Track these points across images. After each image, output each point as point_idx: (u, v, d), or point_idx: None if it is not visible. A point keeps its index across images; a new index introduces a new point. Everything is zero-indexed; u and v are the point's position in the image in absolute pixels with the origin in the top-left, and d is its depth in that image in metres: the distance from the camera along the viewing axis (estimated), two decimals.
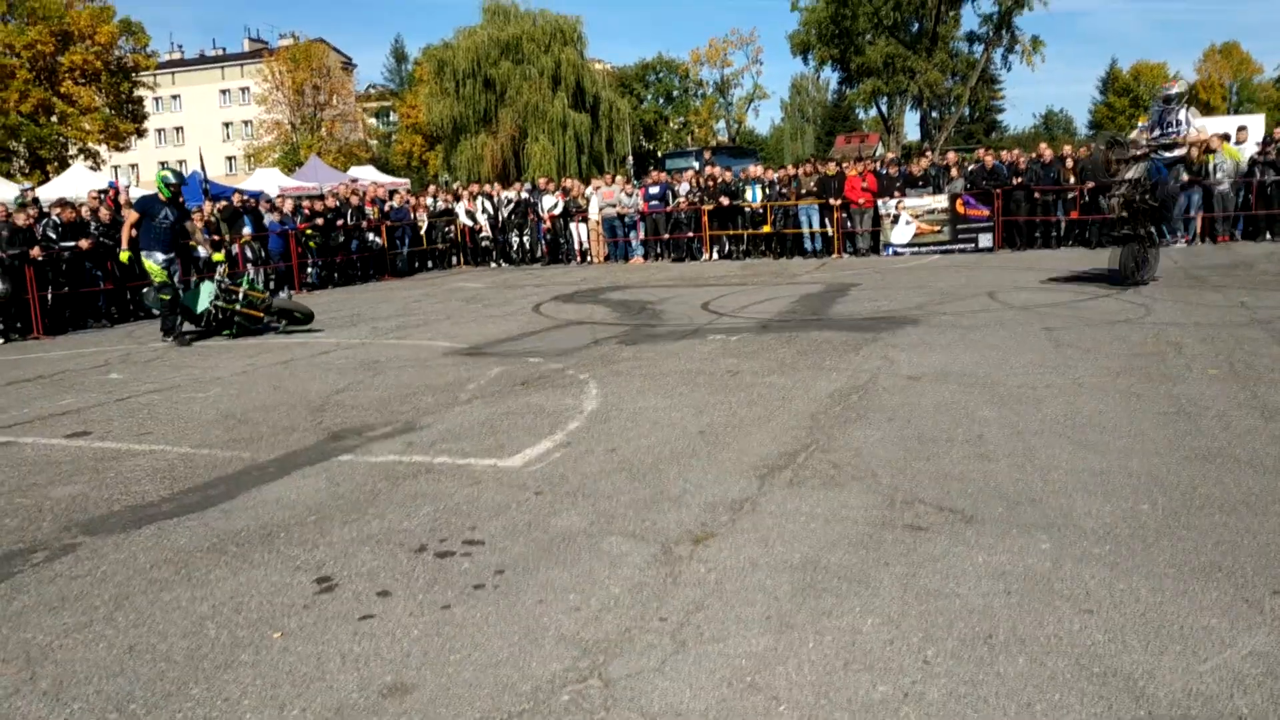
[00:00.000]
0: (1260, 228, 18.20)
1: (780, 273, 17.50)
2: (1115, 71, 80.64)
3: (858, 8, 45.03)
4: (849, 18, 45.41)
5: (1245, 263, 14.62)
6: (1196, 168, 18.10)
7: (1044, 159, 19.52)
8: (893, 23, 46.75)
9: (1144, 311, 10.24)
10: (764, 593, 3.71)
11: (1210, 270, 13.82)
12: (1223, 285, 12.10)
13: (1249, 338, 8.36)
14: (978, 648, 3.20)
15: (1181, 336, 8.57)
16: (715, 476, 5.23)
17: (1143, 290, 11.93)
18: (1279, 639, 3.16)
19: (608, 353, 9.48)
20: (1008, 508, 4.53)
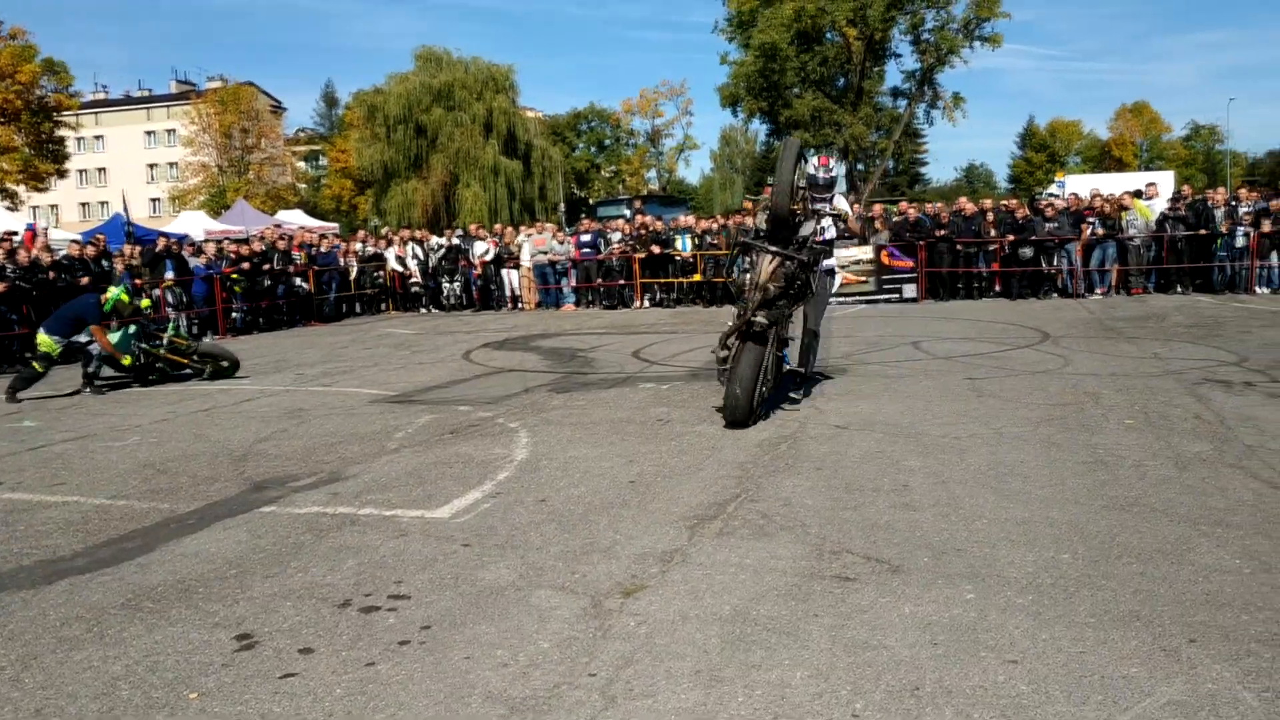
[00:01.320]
0: (1171, 280, 18.85)
1: (711, 321, 17.61)
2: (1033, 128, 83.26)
3: (785, 63, 45.93)
4: (777, 72, 46.28)
5: (1158, 315, 15.11)
6: (1111, 223, 18.73)
7: (966, 212, 20.03)
8: (819, 77, 47.79)
9: (1063, 362, 10.50)
10: (694, 646, 3.69)
11: (1125, 322, 14.25)
12: (1136, 337, 12.48)
13: (1162, 388, 8.61)
14: (905, 700, 3.22)
15: (1099, 387, 8.80)
16: (645, 527, 5.22)
17: (1061, 341, 12.25)
18: (1195, 688, 3.23)
19: (538, 401, 9.44)
20: (933, 557, 4.59)
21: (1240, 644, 3.54)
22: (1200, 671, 3.34)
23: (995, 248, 19.32)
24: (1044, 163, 76.97)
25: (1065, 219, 18.99)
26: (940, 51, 46.06)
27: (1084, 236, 18.73)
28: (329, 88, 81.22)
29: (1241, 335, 12.20)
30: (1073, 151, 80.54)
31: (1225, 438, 6.72)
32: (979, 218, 19.74)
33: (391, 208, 47.71)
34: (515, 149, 49.19)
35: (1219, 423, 7.19)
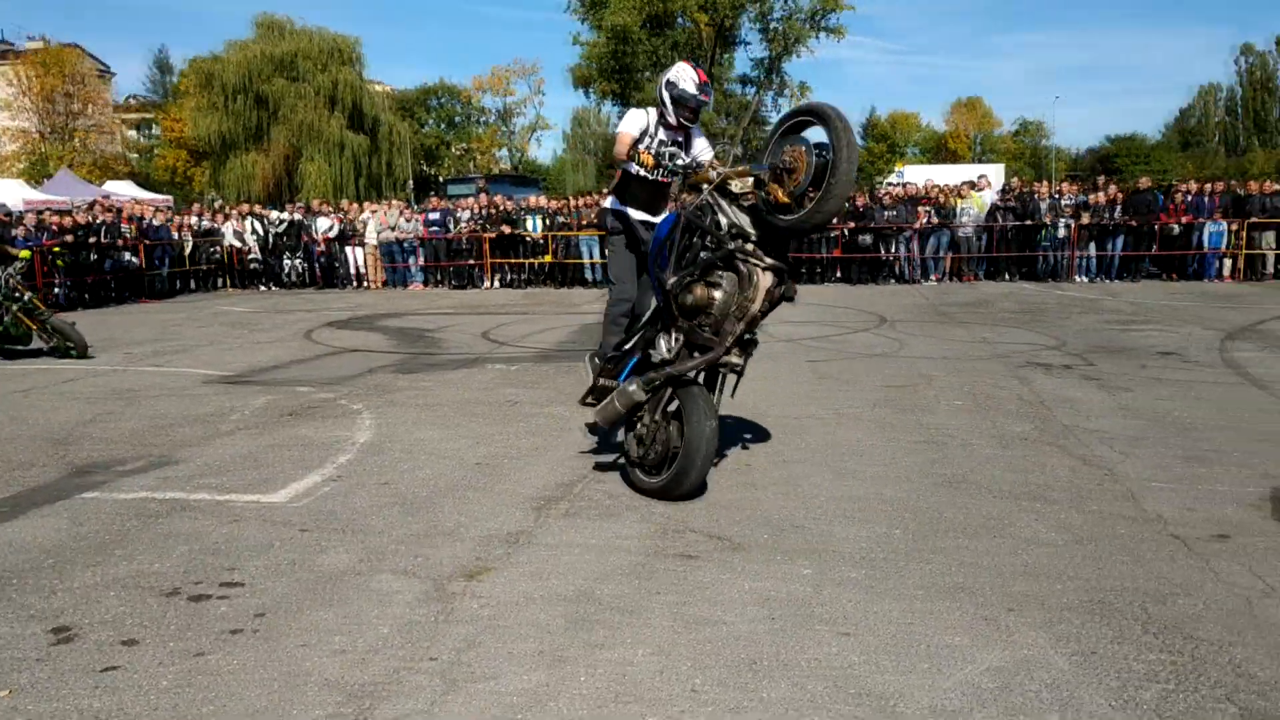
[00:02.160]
0: (1001, 268, 19.82)
1: (562, 302, 17.62)
2: (875, 119, 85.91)
3: (637, 46, 46.08)
4: (628, 55, 46.40)
5: (987, 301, 15.86)
6: (945, 212, 19.54)
7: None
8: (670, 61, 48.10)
9: (899, 346, 10.91)
10: (537, 627, 3.69)
11: (957, 308, 14.91)
12: (967, 322, 13.08)
13: (990, 371, 9.05)
14: (743, 674, 3.30)
15: (932, 370, 9.19)
16: (491, 509, 5.18)
17: (897, 325, 12.73)
18: (1014, 654, 3.41)
19: (383, 382, 9.25)
20: (773, 535, 4.71)
21: (1054, 612, 3.75)
22: (1017, 638, 3.53)
23: (836, 234, 19.89)
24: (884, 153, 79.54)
25: (903, 208, 19.72)
26: (787, 41, 47.01)
27: (919, 225, 19.48)
28: (162, 53, 76.97)
29: (1061, 321, 12.93)
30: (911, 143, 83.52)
31: (1045, 418, 7.12)
32: None
33: (230, 181, 45.80)
34: (361, 123, 47.86)
35: (1040, 403, 7.60)
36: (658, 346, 5.59)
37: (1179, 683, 3.19)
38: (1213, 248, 19.24)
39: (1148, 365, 9.30)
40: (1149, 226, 19.25)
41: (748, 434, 6.78)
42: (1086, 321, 12.88)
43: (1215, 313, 13.66)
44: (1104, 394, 7.95)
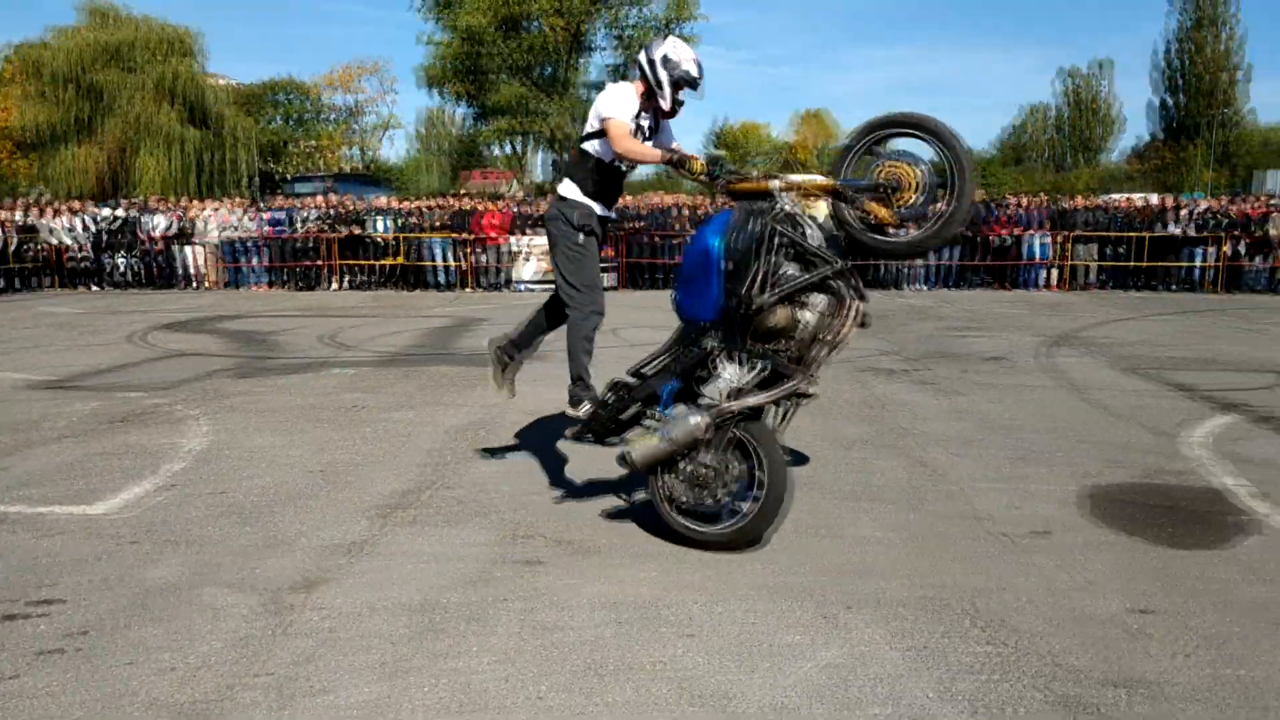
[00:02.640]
0: None
1: (409, 305, 17.31)
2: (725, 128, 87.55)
3: (489, 48, 45.75)
4: (480, 56, 46.03)
5: None
6: None
7: (662, 206, 20.80)
8: (523, 65, 47.96)
9: None
10: (379, 638, 3.61)
11: None
12: None
13: (831, 376, 9.29)
14: (588, 679, 3.30)
15: None
16: (333, 518, 5.05)
17: None
18: (850, 650, 3.52)
19: (220, 386, 8.89)
20: (621, 538, 4.73)
21: (889, 608, 3.89)
22: (854, 635, 3.65)
23: (680, 243, 20.19)
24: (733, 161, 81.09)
25: None
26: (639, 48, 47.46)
27: None
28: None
29: (900, 327, 13.44)
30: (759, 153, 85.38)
31: (883, 421, 7.38)
32: (674, 211, 20.56)
33: (58, 174, 43.21)
34: (201, 117, 45.92)
35: (878, 407, 7.88)
36: (718, 373, 4.74)
37: (1001, 674, 3.35)
38: (1039, 258, 20.35)
39: (978, 370, 9.75)
40: (980, 237, 20.21)
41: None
42: (923, 328, 13.42)
43: (1040, 320, 14.43)
44: (938, 398, 8.29)
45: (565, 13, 46.01)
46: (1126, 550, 4.62)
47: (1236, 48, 70.16)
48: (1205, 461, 6.19)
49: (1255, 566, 4.41)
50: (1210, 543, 4.75)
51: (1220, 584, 4.19)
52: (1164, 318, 15.19)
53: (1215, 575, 4.30)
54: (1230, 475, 5.88)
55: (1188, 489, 5.64)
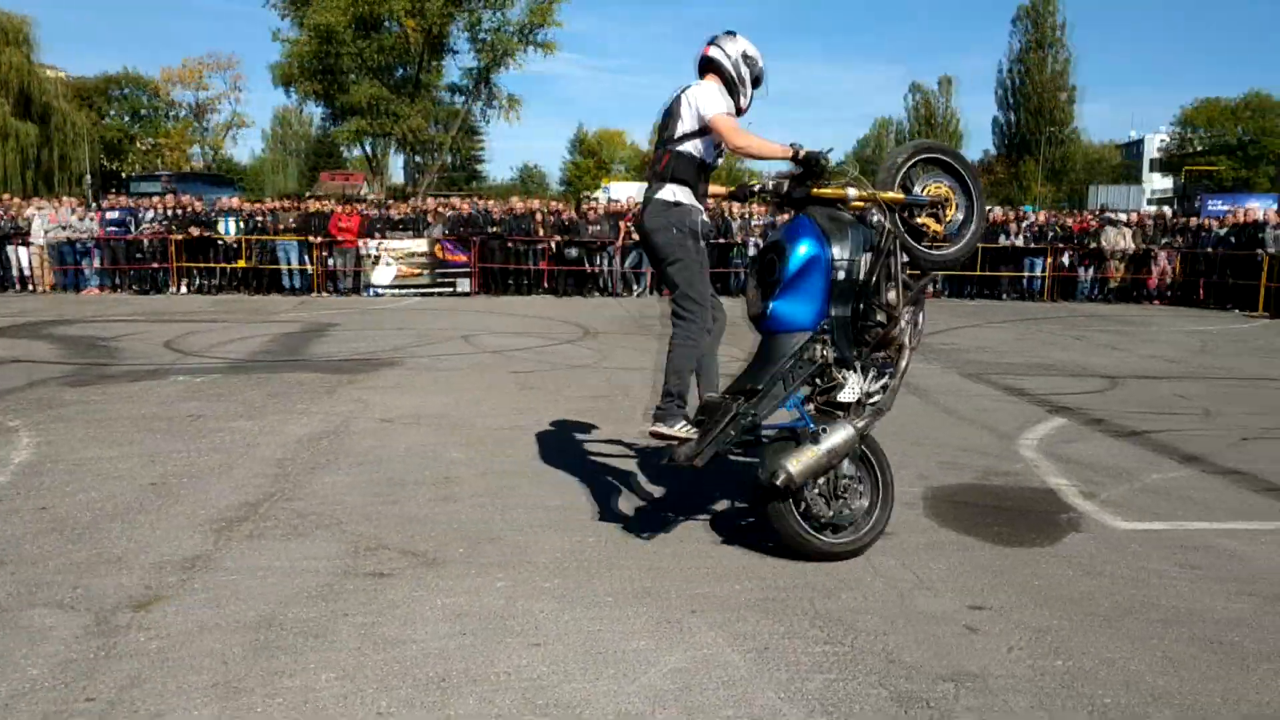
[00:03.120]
0: None
1: (258, 310, 16.74)
2: (582, 134, 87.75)
3: (343, 47, 44.69)
4: (334, 55, 44.93)
5: None
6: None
7: (517, 211, 20.69)
8: (378, 65, 47.04)
9: (601, 357, 11.18)
10: (213, 657, 3.47)
11: (656, 321, 15.43)
12: (666, 334, 13.48)
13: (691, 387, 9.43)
14: (432, 692, 3.25)
15: (630, 380, 9.47)
16: (166, 533, 4.83)
17: (600, 337, 13.04)
18: (694, 654, 3.56)
19: (47, 396, 8.40)
20: (469, 548, 4.68)
21: (733, 611, 3.96)
22: (698, 639, 3.69)
23: (544, 246, 20.15)
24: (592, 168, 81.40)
25: (606, 222, 20.24)
26: (497, 52, 47.12)
27: (622, 240, 20.06)
28: None
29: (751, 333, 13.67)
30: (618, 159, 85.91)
31: None
32: (529, 217, 20.47)
33: None
34: (31, 111, 43.44)
35: None
36: (842, 383, 4.77)
37: (840, 671, 3.44)
38: None
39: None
40: None
41: (449, 446, 6.71)
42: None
43: None
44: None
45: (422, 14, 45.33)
46: (963, 549, 4.81)
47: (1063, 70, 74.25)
48: (1038, 463, 6.51)
49: (1080, 562, 4.65)
50: (1040, 540, 5.00)
51: (1047, 579, 4.41)
52: (1001, 325, 15.93)
53: (1043, 571, 4.52)
54: (1060, 475, 6.20)
55: (1021, 489, 5.93)
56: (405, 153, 51.44)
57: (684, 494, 5.65)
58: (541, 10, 46.30)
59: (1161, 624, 3.92)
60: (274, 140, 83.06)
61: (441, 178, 59.80)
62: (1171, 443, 7.20)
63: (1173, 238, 21.38)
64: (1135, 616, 3.99)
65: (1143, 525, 5.23)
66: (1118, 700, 3.28)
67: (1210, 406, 8.72)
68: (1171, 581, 4.40)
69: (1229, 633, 3.85)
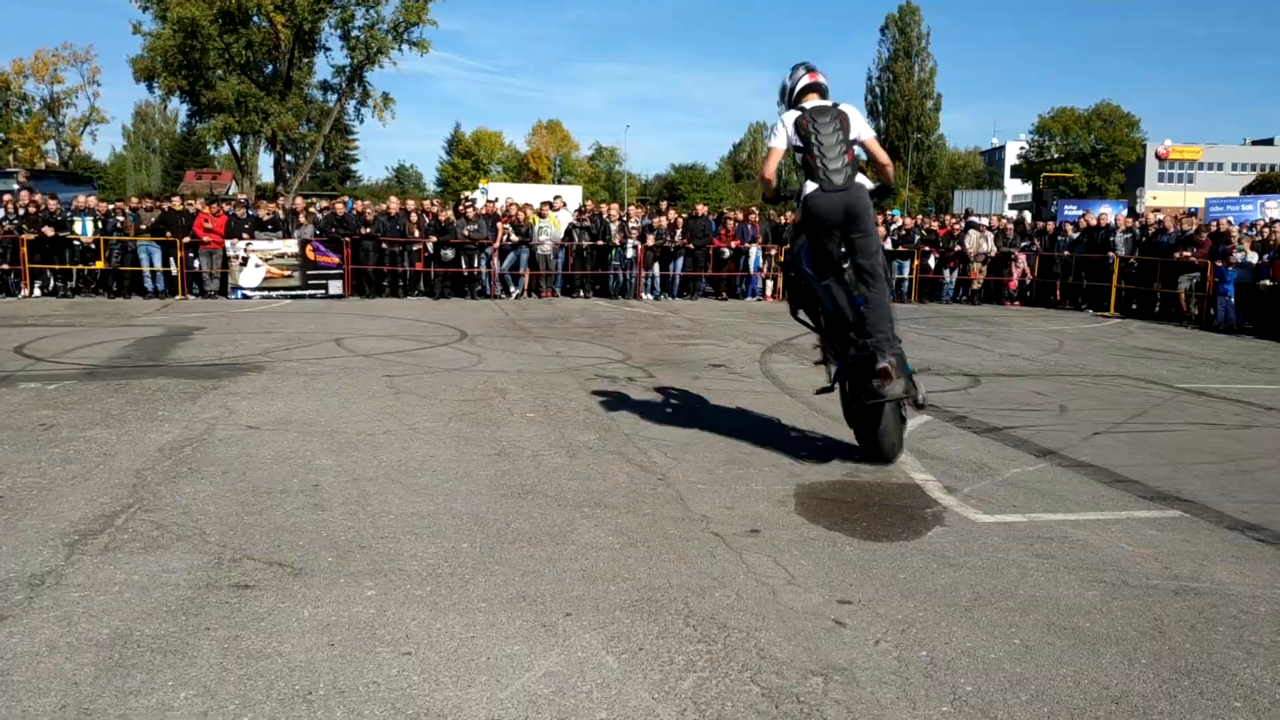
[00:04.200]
0: (576, 285, 20.73)
1: (116, 314, 16.03)
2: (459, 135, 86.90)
3: (208, 42, 43.23)
4: (198, 50, 43.42)
5: (563, 317, 16.54)
6: (523, 229, 20.12)
7: (391, 211, 20.33)
8: (245, 61, 45.68)
9: (477, 360, 11.07)
10: (61, 679, 3.30)
11: (534, 323, 15.41)
12: (544, 336, 13.55)
13: (561, 384, 9.43)
14: (297, 706, 3.16)
15: (507, 383, 9.41)
16: (12, 548, 4.57)
17: (477, 340, 12.92)
18: (568, 658, 3.55)
19: None
20: (338, 557, 4.57)
21: (607, 613, 3.96)
22: (573, 642, 3.68)
23: (419, 248, 19.85)
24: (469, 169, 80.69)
25: (484, 223, 20.06)
26: (370, 50, 46.26)
27: (500, 241, 19.92)
28: None
29: (628, 336, 13.78)
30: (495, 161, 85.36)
31: (609, 427, 7.52)
32: (403, 217, 20.14)
33: None
34: None
35: (605, 414, 8.03)
36: None
37: (713, 669, 3.48)
38: (753, 270, 21.46)
39: (700, 376, 10.14)
40: (704, 249, 21.07)
41: (318, 452, 6.54)
42: (651, 336, 13.81)
43: (758, 328, 15.20)
44: (661, 403, 8.55)
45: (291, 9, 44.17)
46: (830, 545, 4.92)
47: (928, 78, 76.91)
48: (903, 459, 6.69)
49: (941, 554, 4.81)
50: (905, 535, 5.15)
51: (911, 573, 4.54)
52: None
53: (908, 564, 4.66)
54: (924, 471, 6.40)
55: (887, 485, 6.10)
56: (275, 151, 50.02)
57: (559, 496, 5.63)
58: (415, 9, 45.70)
59: (1018, 612, 4.08)
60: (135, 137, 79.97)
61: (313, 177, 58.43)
62: (1029, 438, 7.51)
63: (1030, 241, 22.33)
64: (993, 606, 4.15)
65: (1001, 518, 5.44)
66: (978, 688, 3.39)
67: (1065, 403, 9.13)
68: (1027, 571, 4.59)
69: (1080, 619, 4.03)
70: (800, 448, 7.01)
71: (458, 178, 79.87)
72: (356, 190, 67.38)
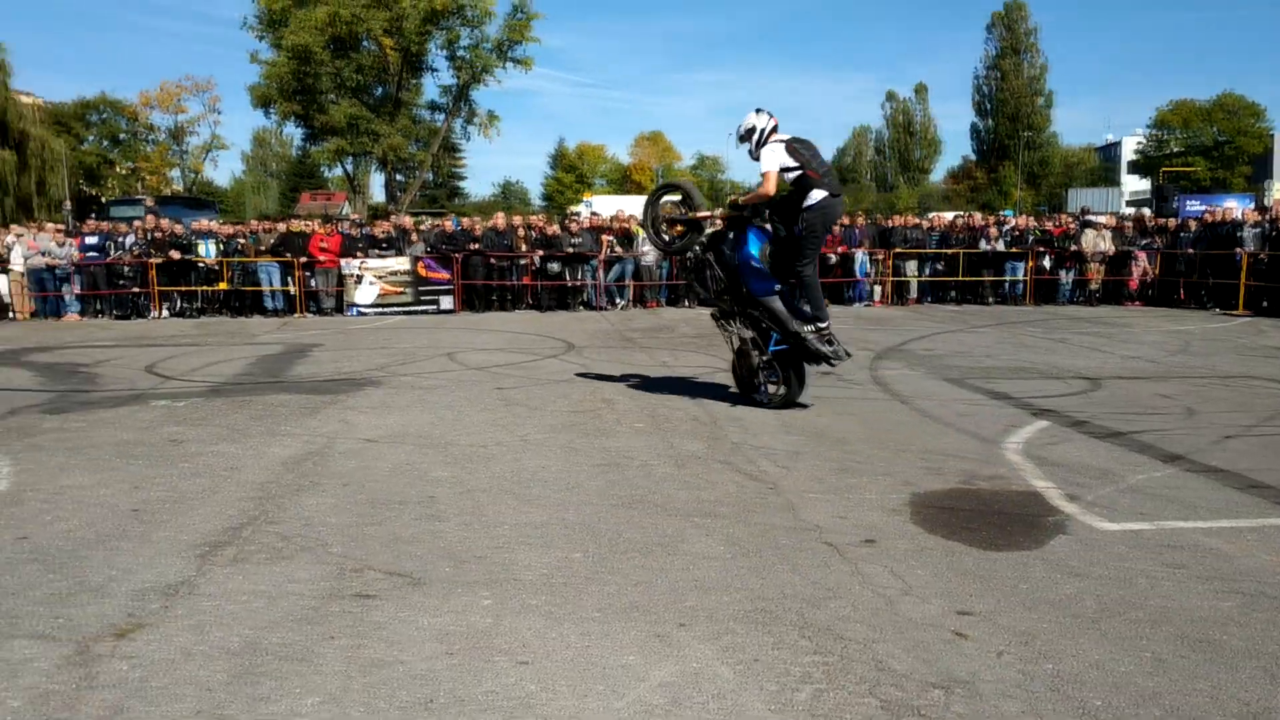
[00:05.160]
0: (680, 295, 20.73)
1: (238, 332, 16.66)
2: (563, 149, 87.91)
3: (319, 67, 44.72)
4: (312, 75, 44.96)
5: (669, 326, 16.57)
6: (626, 242, 20.20)
7: (499, 227, 20.67)
8: (356, 85, 47.09)
9: (584, 371, 11.16)
10: (195, 685, 3.43)
11: (640, 333, 15.46)
12: (649, 346, 13.59)
13: (668, 394, 9.43)
14: (418, 714, 3.22)
15: (614, 394, 9.46)
16: (148, 560, 4.78)
17: (583, 351, 13.03)
18: (683, 668, 3.54)
19: (26, 424, 8.34)
20: (455, 567, 4.65)
21: (721, 624, 3.94)
22: (687, 652, 3.67)
23: (526, 262, 20.13)
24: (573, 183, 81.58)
25: (589, 236, 20.24)
26: (475, 69, 47.25)
27: (603, 253, 20.06)
28: None
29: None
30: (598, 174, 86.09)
31: (716, 437, 7.50)
32: (511, 233, 20.45)
33: None
34: (7, 137, 43.26)
35: (712, 423, 8.00)
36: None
37: (829, 681, 3.43)
38: (862, 275, 21.16)
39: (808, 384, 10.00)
40: None
41: (433, 465, 6.67)
42: None
43: (866, 334, 14.97)
44: (768, 412, 8.49)
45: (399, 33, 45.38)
46: (948, 555, 4.81)
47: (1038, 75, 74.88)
48: (1022, 466, 6.52)
49: (1065, 564, 4.65)
50: (1026, 544, 5.00)
51: (1033, 583, 4.41)
52: (982, 330, 15.98)
53: (1030, 575, 4.52)
54: (1044, 478, 6.21)
55: (1006, 493, 5.93)
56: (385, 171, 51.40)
57: (669, 506, 5.63)
58: (518, 27, 46.47)
59: (1148, 624, 3.92)
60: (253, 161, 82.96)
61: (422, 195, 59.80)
62: (1154, 443, 7.23)
63: (1151, 239, 21.51)
64: (1122, 617, 4.00)
65: (1127, 526, 5.24)
66: (1107, 702, 3.27)
67: (1192, 405, 8.76)
68: (1157, 581, 4.41)
69: (1215, 631, 3.85)
70: (913, 455, 6.87)
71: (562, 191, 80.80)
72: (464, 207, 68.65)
